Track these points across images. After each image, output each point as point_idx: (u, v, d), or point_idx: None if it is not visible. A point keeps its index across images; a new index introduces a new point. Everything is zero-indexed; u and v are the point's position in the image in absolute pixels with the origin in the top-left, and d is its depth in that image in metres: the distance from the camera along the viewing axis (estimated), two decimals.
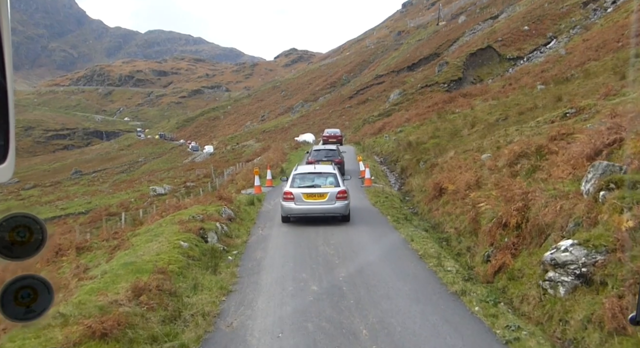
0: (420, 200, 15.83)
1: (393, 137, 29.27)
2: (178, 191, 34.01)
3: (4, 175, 1.23)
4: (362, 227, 12.79)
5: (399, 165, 22.47)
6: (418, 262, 9.38)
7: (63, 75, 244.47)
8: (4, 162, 1.23)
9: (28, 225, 1.37)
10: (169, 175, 59.76)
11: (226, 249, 10.88)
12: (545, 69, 29.37)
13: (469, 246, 9.93)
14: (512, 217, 8.06)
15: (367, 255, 9.99)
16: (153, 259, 8.51)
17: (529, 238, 7.56)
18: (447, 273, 8.51)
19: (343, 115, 70.27)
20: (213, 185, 29.25)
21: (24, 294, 1.40)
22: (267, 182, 21.58)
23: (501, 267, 7.77)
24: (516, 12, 70.31)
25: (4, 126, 1.23)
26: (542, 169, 9.23)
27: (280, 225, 13.41)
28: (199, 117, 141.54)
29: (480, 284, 8.00)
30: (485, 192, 10.29)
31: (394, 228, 12.43)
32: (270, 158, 32.77)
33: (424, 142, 21.54)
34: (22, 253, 1.36)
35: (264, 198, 18.43)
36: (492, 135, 15.65)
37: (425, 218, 14.03)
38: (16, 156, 1.25)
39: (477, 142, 15.67)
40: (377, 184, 19.92)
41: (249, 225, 13.92)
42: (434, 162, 17.41)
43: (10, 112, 1.24)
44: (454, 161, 15.21)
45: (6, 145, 1.24)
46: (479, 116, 21.12)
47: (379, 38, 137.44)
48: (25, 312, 1.41)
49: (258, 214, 15.47)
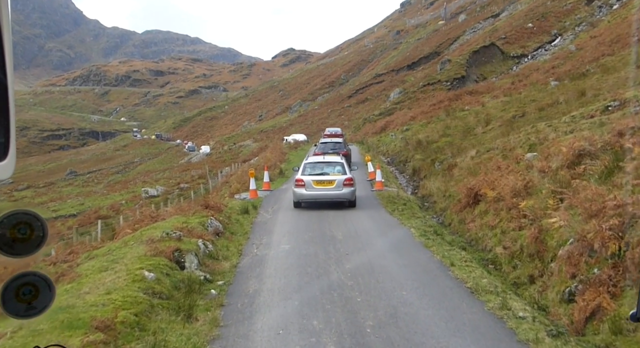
0: (446, 207, 13.60)
1: (400, 136, 27.74)
2: (171, 193, 32.71)
3: (5, 172, 1.24)
4: (384, 244, 10.36)
5: (410, 166, 20.43)
6: (470, 300, 6.79)
7: (59, 75, 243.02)
8: (4, 159, 1.23)
9: (29, 222, 1.35)
10: (164, 176, 58.61)
11: (209, 278, 8.22)
12: (556, 65, 28.25)
13: (531, 274, 7.54)
14: (606, 240, 5.87)
15: (399, 287, 7.45)
16: (99, 302, 5.95)
17: (634, 272, 5.43)
18: (520, 322, 5.92)
19: (342, 115, 69.29)
20: (207, 188, 27.89)
21: (25, 291, 1.41)
22: (264, 185, 19.16)
23: (595, 311, 5.54)
24: (518, 11, 69.31)
25: (4, 123, 1.23)
26: (623, 171, 7.16)
27: (280, 242, 10.77)
28: (196, 117, 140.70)
29: (573, 341, 5.45)
30: (541, 201, 8.27)
31: (423, 245, 9.92)
32: (268, 158, 30.56)
33: (435, 140, 20.18)
34: (23, 251, 1.36)
35: (260, 205, 15.63)
36: (516, 132, 14.14)
37: (456, 231, 11.66)
38: None
39: (501, 140, 14.08)
40: (390, 188, 17.48)
41: (241, 241, 11.18)
42: (451, 163, 15.67)
43: (10, 109, 1.24)
44: (476, 161, 13.63)
45: (7, 142, 1.24)
46: (492, 113, 19.82)
47: (377, 37, 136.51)
48: (27, 308, 1.42)
49: (253, 226, 12.79)
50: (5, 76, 1.21)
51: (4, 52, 1.20)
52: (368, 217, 13.03)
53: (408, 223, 12.12)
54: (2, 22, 1.19)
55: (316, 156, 18.14)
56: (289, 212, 14.37)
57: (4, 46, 1.20)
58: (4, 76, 1.21)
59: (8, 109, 1.23)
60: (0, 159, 1.23)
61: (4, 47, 1.20)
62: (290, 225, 12.50)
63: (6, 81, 1.22)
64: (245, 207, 14.65)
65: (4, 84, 1.21)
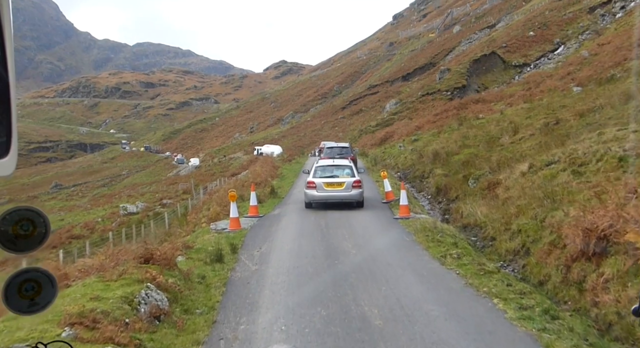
0: (517, 250, 9.02)
1: (409, 147, 25.12)
2: (152, 209, 30.22)
3: (7, 168, 1.23)
4: (465, 344, 5.42)
5: (432, 183, 16.99)
6: None
7: (48, 87, 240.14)
8: (6, 156, 1.23)
9: (31, 219, 1.35)
10: (150, 190, 56.19)
11: None
12: (572, 72, 26.36)
13: None
14: None
15: None
16: None
17: None
18: None
19: (336, 126, 67.45)
20: (184, 207, 25.32)
21: (28, 287, 1.41)
22: (250, 209, 14.56)
23: None
24: (514, 21, 68.10)
25: (6, 121, 1.23)
26: None
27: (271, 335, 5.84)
28: (186, 128, 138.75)
29: None
30: None
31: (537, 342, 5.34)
32: (258, 173, 26.28)
33: (454, 151, 17.68)
34: (25, 247, 1.35)
35: (242, 244, 10.70)
36: (572, 141, 11.33)
37: (561, 299, 6.90)
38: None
39: (557, 151, 11.06)
40: (418, 214, 13.51)
41: (199, 332, 5.95)
42: (491, 180, 12.56)
43: (12, 106, 1.24)
44: (531, 179, 10.46)
45: (8, 139, 1.24)
46: (517, 121, 17.37)
47: (370, 49, 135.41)
48: (29, 305, 1.41)
49: (226, 290, 7.75)
50: (6, 73, 1.21)
51: (5, 50, 1.20)
52: (411, 271, 8.26)
53: (483, 286, 7.25)
54: (3, 21, 1.19)
55: (326, 159, 18.43)
56: (286, 260, 9.24)
57: (5, 45, 1.20)
58: (6, 73, 1.21)
59: (10, 106, 1.23)
60: (2, 156, 1.23)
61: (5, 46, 1.20)
62: (289, 290, 7.54)
63: (7, 78, 1.22)
64: (220, 248, 9.78)
65: (6, 81, 1.22)
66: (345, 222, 12.57)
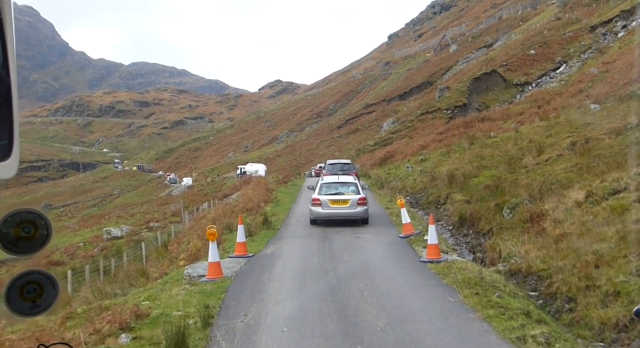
0: (607, 320, 6.41)
1: (418, 168, 23.14)
2: (137, 233, 28.47)
3: (9, 171, 1.24)
4: None
5: (452, 211, 14.62)
6: None
7: (42, 106, 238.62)
8: (8, 159, 1.24)
9: (33, 221, 1.35)
10: (140, 210, 54.44)
11: None
12: (583, 89, 25.17)
13: None
14: None
15: None
16: None
17: None
18: None
19: (332, 145, 66.17)
20: (167, 234, 23.44)
21: (30, 289, 1.39)
22: (236, 247, 11.61)
23: None
24: (512, 40, 67.51)
25: (8, 124, 1.24)
26: None
27: None
28: (179, 147, 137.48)
29: None
30: None
31: None
32: (249, 197, 23.27)
33: (471, 174, 15.79)
34: (27, 249, 1.35)
35: (221, 307, 7.68)
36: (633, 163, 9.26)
37: None
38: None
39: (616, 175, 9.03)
40: (449, 254, 10.71)
41: None
42: (533, 210, 10.38)
43: (14, 109, 1.25)
44: (590, 210, 8.44)
45: (10, 142, 1.25)
46: (537, 140, 15.82)
47: (366, 68, 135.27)
48: (31, 307, 1.40)
49: None
50: (8, 77, 1.21)
51: (7, 54, 1.20)
52: None
53: None
54: (5, 25, 1.18)
55: (331, 176, 18.27)
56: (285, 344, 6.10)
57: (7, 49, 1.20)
58: (8, 77, 1.21)
59: (12, 109, 1.23)
60: (4, 159, 1.23)
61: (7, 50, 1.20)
62: None
63: (10, 82, 1.22)
64: (187, 319, 6.99)
65: (8, 85, 1.22)
66: (359, 266, 9.85)
